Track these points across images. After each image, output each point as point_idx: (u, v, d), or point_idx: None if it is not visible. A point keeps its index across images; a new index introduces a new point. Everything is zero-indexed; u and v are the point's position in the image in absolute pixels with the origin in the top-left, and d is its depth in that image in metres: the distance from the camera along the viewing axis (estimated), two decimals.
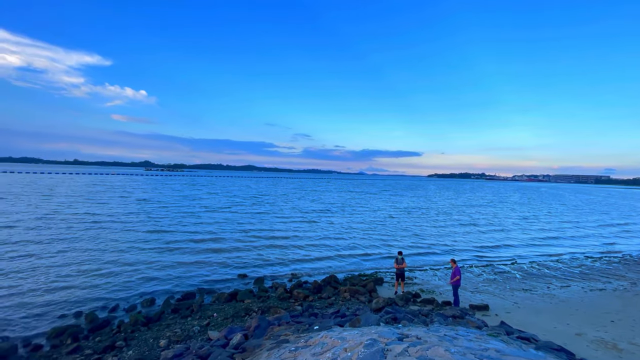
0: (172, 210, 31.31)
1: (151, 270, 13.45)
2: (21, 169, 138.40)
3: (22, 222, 21.99)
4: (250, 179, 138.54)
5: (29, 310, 9.49)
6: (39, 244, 16.51)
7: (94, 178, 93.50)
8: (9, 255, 14.52)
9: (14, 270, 12.62)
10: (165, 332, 8.26)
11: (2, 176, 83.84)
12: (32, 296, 10.40)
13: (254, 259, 15.81)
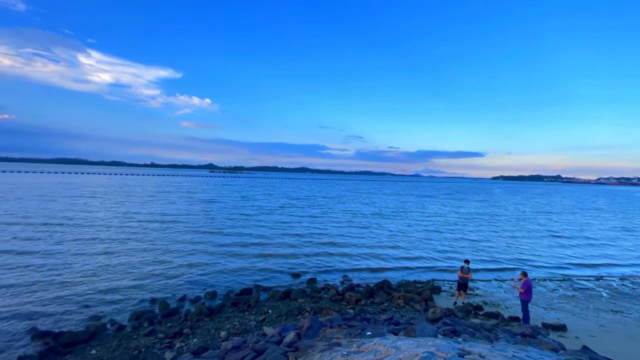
0: (230, 210, 33.39)
1: (212, 266, 14.50)
2: (111, 171, 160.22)
3: (109, 220, 25.33)
4: (303, 181, 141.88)
5: (114, 295, 10.89)
6: (120, 240, 18.85)
7: (165, 179, 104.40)
8: (99, 249, 16.85)
9: (104, 263, 14.61)
10: (225, 324, 8.81)
11: (97, 177, 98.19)
12: (116, 283, 11.92)
13: (306, 259, 16.11)
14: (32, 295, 10.52)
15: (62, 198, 38.05)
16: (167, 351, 7.26)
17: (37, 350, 7.53)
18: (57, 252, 15.43)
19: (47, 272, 12.63)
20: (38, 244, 16.55)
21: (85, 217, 25.30)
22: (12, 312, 9.32)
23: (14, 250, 15.28)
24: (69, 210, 28.14)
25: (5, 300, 10.09)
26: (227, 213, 30.30)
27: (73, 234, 19.29)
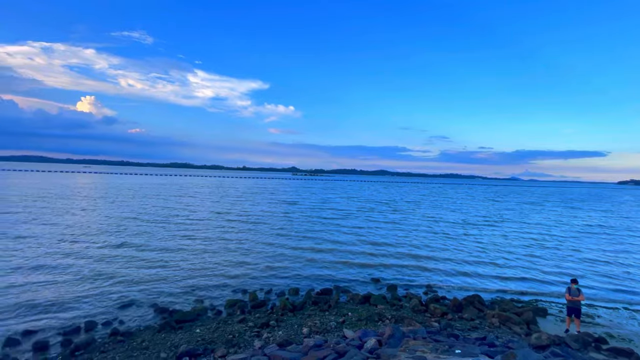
0: (310, 213, 34.69)
1: (294, 265, 15.28)
2: (211, 174, 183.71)
3: (206, 218, 28.88)
4: (382, 184, 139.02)
5: (213, 284, 12.37)
6: (214, 238, 21.29)
7: (254, 181, 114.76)
8: (198, 243, 19.36)
9: (204, 256, 16.74)
10: (307, 321, 9.15)
11: (200, 179, 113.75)
12: (214, 274, 13.53)
13: (385, 266, 15.66)
14: (152, 279, 12.67)
15: (171, 197, 45.13)
16: (256, 339, 7.88)
17: (157, 322, 9.05)
18: (167, 245, 18.29)
19: (159, 261, 15.09)
20: (152, 238, 19.89)
21: (186, 215, 29.40)
22: (140, 291, 11.40)
23: (134, 244, 18.68)
24: (175, 209, 33.11)
25: (134, 282, 12.39)
26: (307, 216, 31.57)
27: (179, 229, 22.65)
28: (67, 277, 12.25)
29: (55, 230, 20.12)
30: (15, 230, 19.75)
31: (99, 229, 21.25)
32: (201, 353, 7.10)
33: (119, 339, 8.01)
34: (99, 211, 29.10)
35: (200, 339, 7.92)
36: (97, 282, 11.86)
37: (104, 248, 16.51)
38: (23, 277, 12.04)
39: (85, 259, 14.53)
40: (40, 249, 15.90)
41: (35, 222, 22.62)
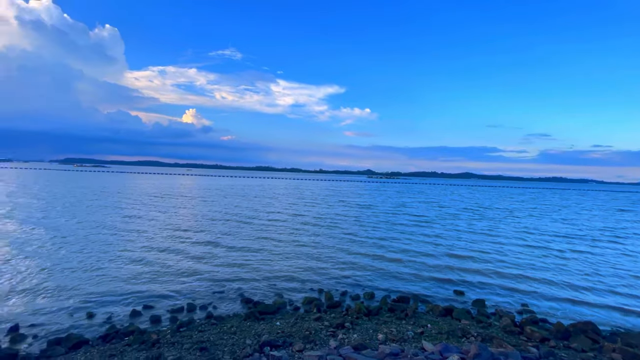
0: (384, 217, 33.79)
1: (369, 269, 15.08)
2: (290, 177, 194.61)
3: (283, 219, 30.51)
4: (466, 188, 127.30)
5: (291, 281, 13.06)
6: (289, 240, 22.33)
7: (330, 184, 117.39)
8: (277, 242, 20.59)
9: (283, 254, 17.77)
10: (383, 327, 8.92)
11: (280, 181, 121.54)
12: (293, 271, 14.26)
13: (469, 281, 14.23)
14: (239, 272, 13.98)
15: (254, 198, 49.07)
16: (331, 339, 8.02)
17: (244, 311, 9.97)
18: (251, 243, 19.91)
19: (245, 257, 16.53)
20: (238, 235, 21.89)
21: (266, 216, 31.55)
22: (230, 281, 12.71)
23: (223, 240, 20.78)
24: (257, 210, 35.84)
25: (225, 274, 13.85)
26: (381, 220, 30.84)
27: (260, 229, 24.48)
28: (171, 264, 14.40)
29: (158, 224, 23.85)
30: (128, 224, 24.05)
31: (195, 225, 24.41)
32: (280, 345, 7.54)
33: (212, 321, 9.06)
34: (196, 209, 33.46)
35: (280, 331, 8.42)
36: (195, 271, 13.64)
37: (198, 243, 18.88)
38: (141, 264, 14.59)
39: (183, 251, 16.83)
40: (148, 240, 19.04)
41: (143, 217, 27.20)
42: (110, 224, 22.72)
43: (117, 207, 31.74)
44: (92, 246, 16.77)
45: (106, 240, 18.11)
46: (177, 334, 8.28)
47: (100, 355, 7.16)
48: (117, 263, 14.18)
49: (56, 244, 17.02)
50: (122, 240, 18.25)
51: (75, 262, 14.00)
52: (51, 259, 14.32)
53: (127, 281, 12.09)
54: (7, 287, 11.10)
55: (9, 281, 11.61)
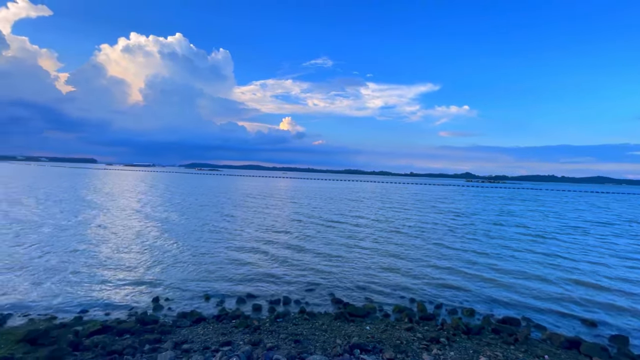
0: (487, 227, 30.17)
1: (467, 284, 13.64)
2: (378, 180, 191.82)
3: (370, 223, 30.05)
4: (599, 196, 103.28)
5: (381, 286, 12.80)
6: (375, 247, 21.81)
7: (421, 188, 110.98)
8: (365, 246, 20.41)
9: (372, 258, 17.56)
10: (485, 349, 7.95)
11: (368, 184, 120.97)
12: (382, 277, 13.96)
13: (603, 308, 11.50)
14: (331, 272, 14.39)
15: (343, 200, 49.86)
16: (424, 352, 7.55)
17: (334, 311, 10.23)
18: (341, 245, 20.25)
19: (335, 258, 16.91)
20: (330, 237, 22.48)
21: (353, 219, 31.59)
22: (322, 279, 13.23)
23: (315, 240, 21.61)
24: (344, 213, 36.22)
25: (318, 272, 14.46)
26: (481, 230, 27.60)
27: (349, 231, 24.69)
28: (267, 260, 15.79)
29: (255, 223, 26.36)
30: (230, 222, 27.18)
31: (287, 225, 26.21)
32: (370, 350, 7.46)
33: (305, 317, 9.57)
34: (288, 210, 35.93)
35: (370, 336, 8.34)
36: (289, 267, 14.65)
37: (290, 242, 20.19)
38: (243, 258, 16.42)
39: (277, 249, 18.22)
40: (249, 237, 21.21)
41: (240, 216, 30.41)
42: (217, 220, 26.37)
43: (225, 205, 36.64)
44: (206, 238, 19.73)
45: (216, 235, 21.05)
46: (274, 323, 9.02)
47: (215, 332, 8.34)
48: (226, 255, 16.30)
49: (182, 234, 20.62)
50: (228, 236, 20.93)
51: (194, 252, 16.68)
52: (178, 247, 17.39)
53: (234, 272, 13.79)
54: (149, 266, 13.95)
55: (150, 261, 14.57)
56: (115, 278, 12.32)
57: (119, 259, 14.62)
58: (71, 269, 12.97)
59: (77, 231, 19.86)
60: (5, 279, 11.68)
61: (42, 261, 13.81)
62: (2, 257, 14.00)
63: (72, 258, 14.43)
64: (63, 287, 11.22)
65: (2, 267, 12.87)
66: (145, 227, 22.12)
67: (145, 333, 8.10)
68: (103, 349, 7.18)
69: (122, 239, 18.44)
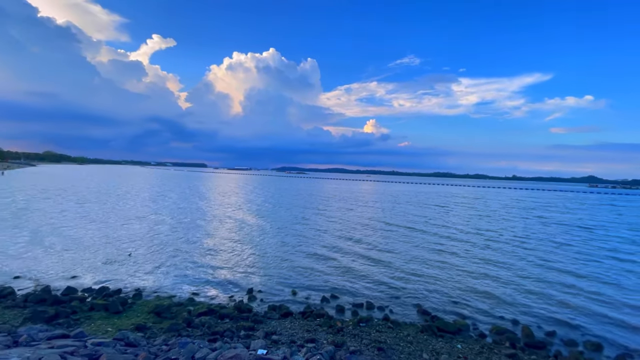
0: (619, 245, 24.35)
1: (590, 313, 11.16)
2: (473, 184, 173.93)
3: (464, 235, 27.23)
4: None
5: (475, 302, 11.49)
6: (476, 256, 19.56)
7: (527, 193, 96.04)
8: (463, 261, 18.58)
9: (471, 269, 15.93)
10: None
11: (460, 188, 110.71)
12: (482, 291, 12.52)
13: None
14: (416, 281, 13.61)
15: (431, 206, 46.63)
16: None
17: (420, 323, 9.63)
18: (428, 254, 18.96)
19: (423, 267, 15.89)
20: (416, 244, 21.26)
21: (442, 227, 29.11)
22: (408, 289, 12.62)
23: (401, 246, 20.65)
24: (426, 219, 33.72)
25: (403, 280, 13.86)
26: (606, 249, 22.30)
27: (436, 240, 22.88)
28: (352, 263, 15.79)
29: (340, 225, 26.59)
30: (316, 222, 27.94)
31: (370, 229, 25.79)
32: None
33: (389, 325, 9.24)
34: (371, 213, 35.37)
35: (462, 356, 7.55)
36: (373, 272, 14.40)
37: (374, 246, 19.79)
38: (327, 258, 16.79)
39: (361, 252, 18.05)
40: (334, 238, 21.54)
41: (329, 217, 31.00)
42: (304, 221, 27.67)
43: (312, 207, 38.31)
44: (294, 237, 20.92)
45: (303, 235, 22.12)
46: (357, 327, 8.97)
47: (300, 328, 8.74)
48: (313, 255, 16.98)
49: (274, 232, 22.35)
50: (314, 236, 21.76)
51: (284, 249, 17.86)
52: (271, 244, 18.88)
53: (320, 271, 14.26)
54: (245, 259, 15.50)
55: (247, 256, 16.17)
56: (219, 268, 14.09)
57: (222, 252, 16.67)
58: (186, 258, 15.35)
59: (192, 225, 23.47)
60: (140, 262, 14.52)
61: (165, 249, 16.72)
62: (140, 244, 17.48)
63: (187, 248, 17.08)
64: (180, 272, 13.35)
65: (139, 252, 16.06)
66: (245, 225, 24.74)
67: (241, 320, 9.00)
68: (208, 328, 8.25)
69: (226, 234, 21.00)
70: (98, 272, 12.75)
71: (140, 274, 12.80)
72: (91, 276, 12.32)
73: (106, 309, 9.15)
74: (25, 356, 4.74)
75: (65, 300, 9.73)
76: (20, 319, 8.24)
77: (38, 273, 12.29)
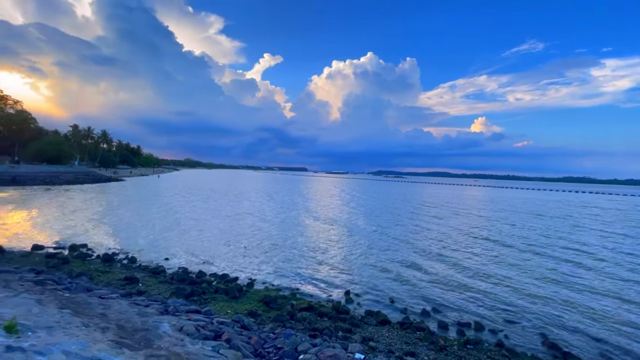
0: None
1: None
2: (624, 192, 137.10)
3: (607, 262, 21.58)
4: None
5: (620, 340, 8.94)
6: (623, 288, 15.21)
7: None
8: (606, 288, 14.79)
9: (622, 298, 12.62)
10: None
11: (603, 197, 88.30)
12: (620, 330, 9.72)
13: None
14: (537, 306, 11.45)
15: (555, 218, 38.53)
16: None
17: (545, 356, 8.03)
18: (557, 279, 15.72)
19: (543, 290, 13.24)
20: (532, 263, 17.86)
21: (574, 247, 23.66)
22: (529, 314, 10.74)
23: (506, 265, 17.64)
24: (554, 235, 27.79)
25: (522, 302, 11.89)
26: None
27: (562, 260, 18.74)
28: (457, 277, 14.32)
29: (452, 234, 24.37)
30: (418, 232, 26.23)
31: (477, 241, 22.90)
32: None
33: (503, 352, 8.01)
34: (480, 224, 31.39)
35: None
36: (483, 290, 12.77)
37: (486, 262, 17.49)
38: (430, 270, 15.66)
39: (469, 266, 16.17)
40: (437, 247, 19.90)
41: (408, 224, 28.76)
42: (404, 228, 26.53)
43: (413, 213, 36.60)
44: (394, 244, 20.31)
45: (404, 242, 21.26)
46: (463, 348, 8.08)
47: (399, 338, 8.39)
48: (412, 263, 16.17)
49: (373, 237, 22.22)
50: (415, 244, 20.67)
51: (382, 255, 17.52)
52: (369, 248, 18.82)
53: (420, 282, 13.46)
54: (343, 261, 15.83)
55: (345, 258, 16.49)
56: (318, 267, 14.79)
57: (322, 252, 17.46)
58: (290, 255, 16.65)
59: (296, 224, 25.43)
60: (252, 255, 16.44)
61: (273, 245, 18.50)
62: (253, 238, 19.84)
63: (291, 246, 18.53)
64: (284, 268, 14.56)
65: (252, 245, 18.22)
66: (342, 227, 25.43)
67: (339, 321, 9.21)
68: (309, 324, 8.73)
69: (325, 235, 21.97)
70: (221, 261, 15.01)
71: (253, 266, 14.49)
72: (216, 263, 14.59)
73: (226, 293, 10.67)
74: (172, 323, 5.92)
75: (198, 281, 11.77)
76: (168, 293, 10.36)
77: (180, 257, 15.26)
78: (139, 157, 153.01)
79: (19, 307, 5.06)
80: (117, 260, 14.00)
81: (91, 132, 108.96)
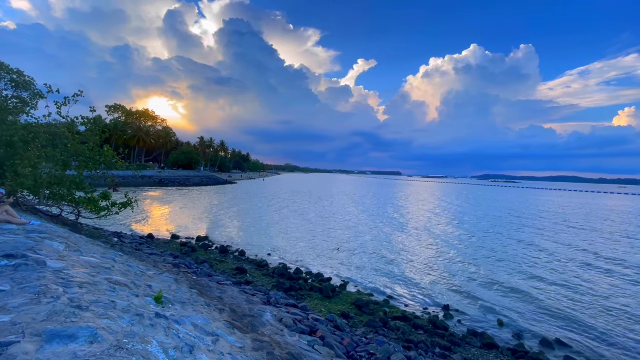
0: None
1: None
2: None
3: None
4: None
5: None
6: None
7: None
8: None
9: None
10: None
11: None
12: None
13: None
14: None
15: None
16: None
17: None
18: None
19: None
20: None
21: None
22: None
23: None
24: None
25: None
26: None
27: None
28: (598, 306, 11.57)
29: (568, 250, 19.94)
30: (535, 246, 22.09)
31: (623, 265, 18.00)
32: None
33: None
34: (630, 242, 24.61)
35: None
36: (625, 326, 10.00)
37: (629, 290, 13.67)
38: (549, 290, 13.12)
39: (605, 293, 12.86)
40: (560, 268, 16.46)
41: (548, 238, 23.89)
42: (518, 239, 22.89)
43: (529, 227, 31.39)
44: (503, 259, 17.77)
45: (517, 258, 18.38)
46: None
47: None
48: (528, 285, 13.85)
49: (480, 250, 19.95)
50: (533, 257, 17.64)
51: (488, 271, 15.52)
52: (474, 262, 16.95)
53: (536, 305, 11.41)
54: (443, 273, 14.63)
55: (444, 269, 15.22)
56: (414, 277, 14.05)
57: (419, 261, 16.55)
58: (384, 262, 16.31)
59: (390, 229, 24.83)
60: (346, 257, 16.70)
61: (366, 250, 18.44)
62: (346, 241, 20.20)
63: (385, 252, 18.15)
64: (378, 273, 14.33)
65: (345, 248, 18.55)
66: (443, 236, 23.63)
67: (436, 336, 8.53)
68: (403, 334, 8.35)
69: (423, 244, 20.79)
70: (317, 261, 15.74)
71: (346, 268, 14.73)
72: (311, 262, 15.37)
73: (321, 292, 11.11)
74: (274, 313, 6.50)
75: (295, 278, 12.61)
76: (270, 285, 11.40)
77: (280, 254, 16.65)
78: (248, 163, 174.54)
79: (163, 283, 6.34)
80: (231, 252, 16.15)
81: (212, 143, 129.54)
